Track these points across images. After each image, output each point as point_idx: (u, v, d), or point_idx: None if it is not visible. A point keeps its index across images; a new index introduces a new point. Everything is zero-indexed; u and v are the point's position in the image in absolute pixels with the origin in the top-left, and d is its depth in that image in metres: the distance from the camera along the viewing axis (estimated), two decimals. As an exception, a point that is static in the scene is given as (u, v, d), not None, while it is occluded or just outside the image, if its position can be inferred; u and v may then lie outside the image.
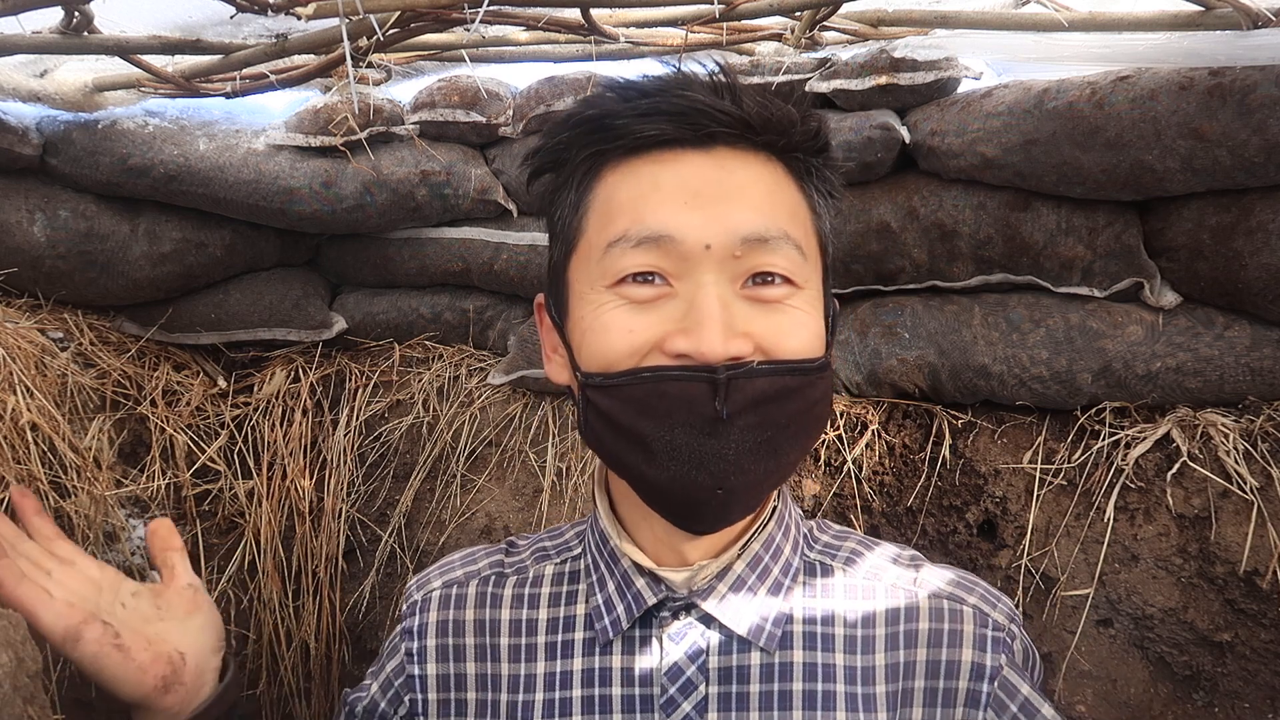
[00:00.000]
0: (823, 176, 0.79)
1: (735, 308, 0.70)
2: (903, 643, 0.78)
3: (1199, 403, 1.52)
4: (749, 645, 0.77)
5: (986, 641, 0.77)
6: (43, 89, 1.72)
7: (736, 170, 0.72)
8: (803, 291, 0.73)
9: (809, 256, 0.74)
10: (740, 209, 0.71)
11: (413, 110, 1.81)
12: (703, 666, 0.77)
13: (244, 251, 1.90)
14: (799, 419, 0.72)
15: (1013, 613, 0.81)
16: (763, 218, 0.72)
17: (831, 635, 0.78)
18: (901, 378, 1.67)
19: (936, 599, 0.80)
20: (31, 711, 0.96)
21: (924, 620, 0.78)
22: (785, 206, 0.74)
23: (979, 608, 0.79)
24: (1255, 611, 1.43)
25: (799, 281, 0.73)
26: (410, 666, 0.88)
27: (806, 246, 0.74)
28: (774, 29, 1.67)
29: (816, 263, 0.77)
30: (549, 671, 0.82)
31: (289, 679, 1.98)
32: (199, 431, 1.92)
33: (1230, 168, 1.35)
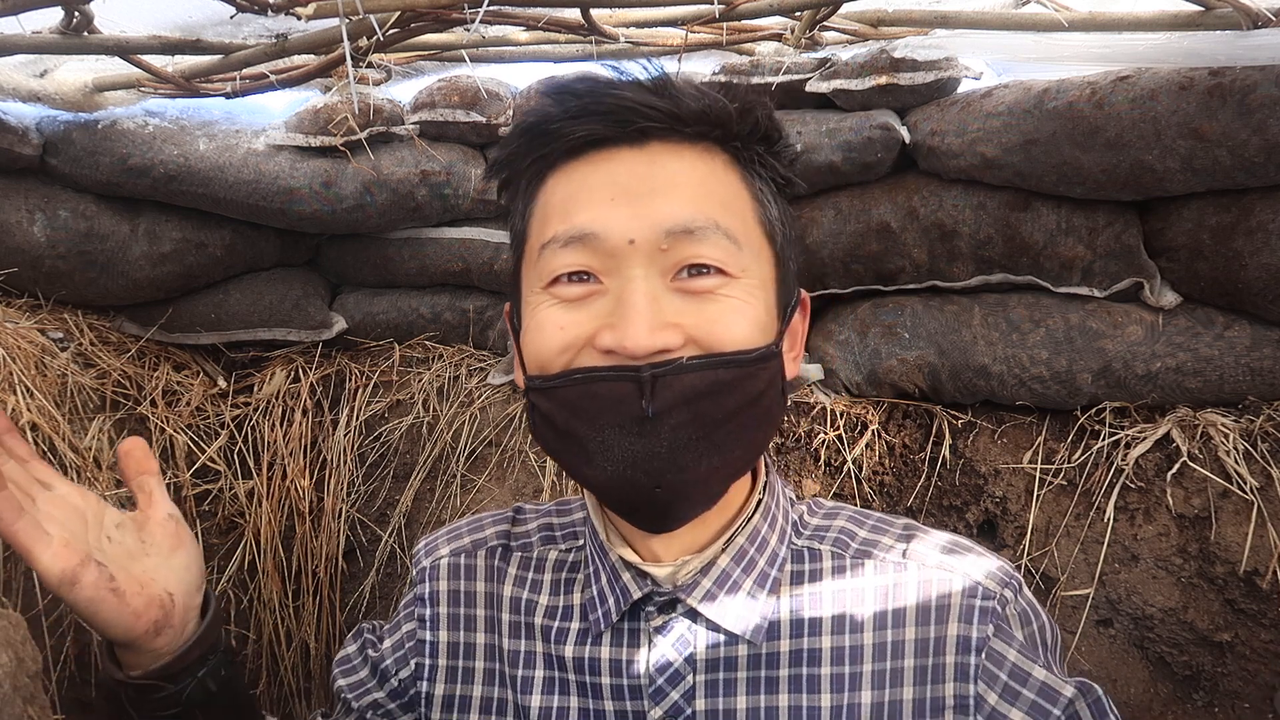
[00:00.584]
0: (768, 165, 0.77)
1: (665, 300, 0.69)
2: (890, 621, 0.77)
3: (1199, 403, 1.52)
4: (736, 638, 0.77)
5: (974, 612, 0.75)
6: (43, 89, 1.72)
7: (667, 163, 0.72)
8: (738, 281, 0.71)
9: (746, 245, 0.72)
10: (666, 201, 0.70)
11: (413, 110, 1.81)
12: (690, 658, 0.78)
13: (244, 251, 1.90)
14: (740, 413, 0.70)
15: (1007, 575, 0.77)
16: (689, 209, 0.70)
17: (819, 620, 0.78)
18: (901, 378, 1.67)
19: (925, 570, 0.77)
20: (31, 711, 0.96)
21: (911, 595, 0.77)
22: (718, 196, 0.72)
23: (968, 575, 0.76)
24: (1255, 611, 1.43)
25: (733, 271, 0.71)
26: (421, 632, 0.90)
27: (744, 235, 0.73)
28: (774, 29, 1.67)
29: (761, 252, 0.74)
30: (545, 651, 0.84)
31: (289, 679, 1.98)
32: (199, 431, 1.92)
33: (1230, 168, 1.35)
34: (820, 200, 1.67)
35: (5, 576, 1.64)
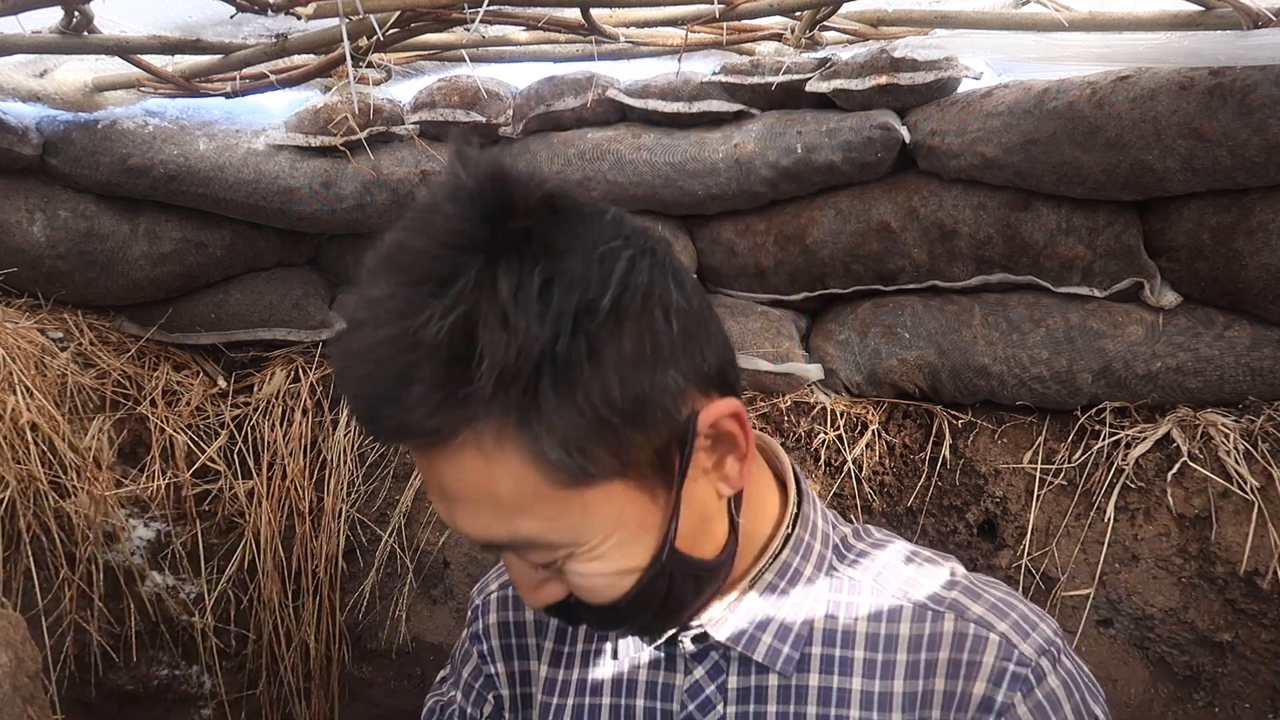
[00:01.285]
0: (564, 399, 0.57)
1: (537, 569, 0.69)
2: (923, 671, 0.73)
3: (1199, 403, 1.52)
4: (766, 668, 0.76)
5: (1004, 676, 0.70)
6: (43, 89, 1.72)
7: (439, 468, 0.61)
8: (577, 552, 0.65)
9: (556, 522, 0.62)
10: (461, 517, 0.63)
11: (413, 110, 1.80)
12: (721, 686, 0.77)
13: (244, 251, 1.90)
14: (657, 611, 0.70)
15: (1050, 645, 0.73)
16: (478, 526, 0.63)
17: (850, 659, 0.75)
18: (901, 378, 1.67)
19: (963, 624, 0.73)
20: (31, 711, 0.96)
21: (945, 648, 0.73)
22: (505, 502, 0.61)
23: (1006, 637, 0.72)
24: (1256, 611, 1.43)
25: (563, 548, 0.64)
26: (485, 667, 0.91)
27: (549, 516, 0.62)
28: (774, 29, 1.67)
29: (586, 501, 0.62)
30: (580, 678, 0.83)
31: (289, 679, 1.98)
32: (199, 431, 1.92)
33: (1230, 168, 1.34)
34: (820, 200, 1.67)
35: (5, 577, 1.64)
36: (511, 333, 0.55)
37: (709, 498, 0.69)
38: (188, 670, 1.93)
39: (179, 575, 1.89)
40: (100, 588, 1.76)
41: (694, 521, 0.68)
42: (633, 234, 0.63)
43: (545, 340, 0.56)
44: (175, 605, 1.87)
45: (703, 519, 0.69)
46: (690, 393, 0.63)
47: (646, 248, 0.63)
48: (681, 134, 1.70)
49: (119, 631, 1.81)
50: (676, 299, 0.62)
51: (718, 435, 0.66)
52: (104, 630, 1.78)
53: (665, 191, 1.70)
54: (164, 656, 1.90)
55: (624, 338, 0.59)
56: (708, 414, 0.64)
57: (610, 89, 1.73)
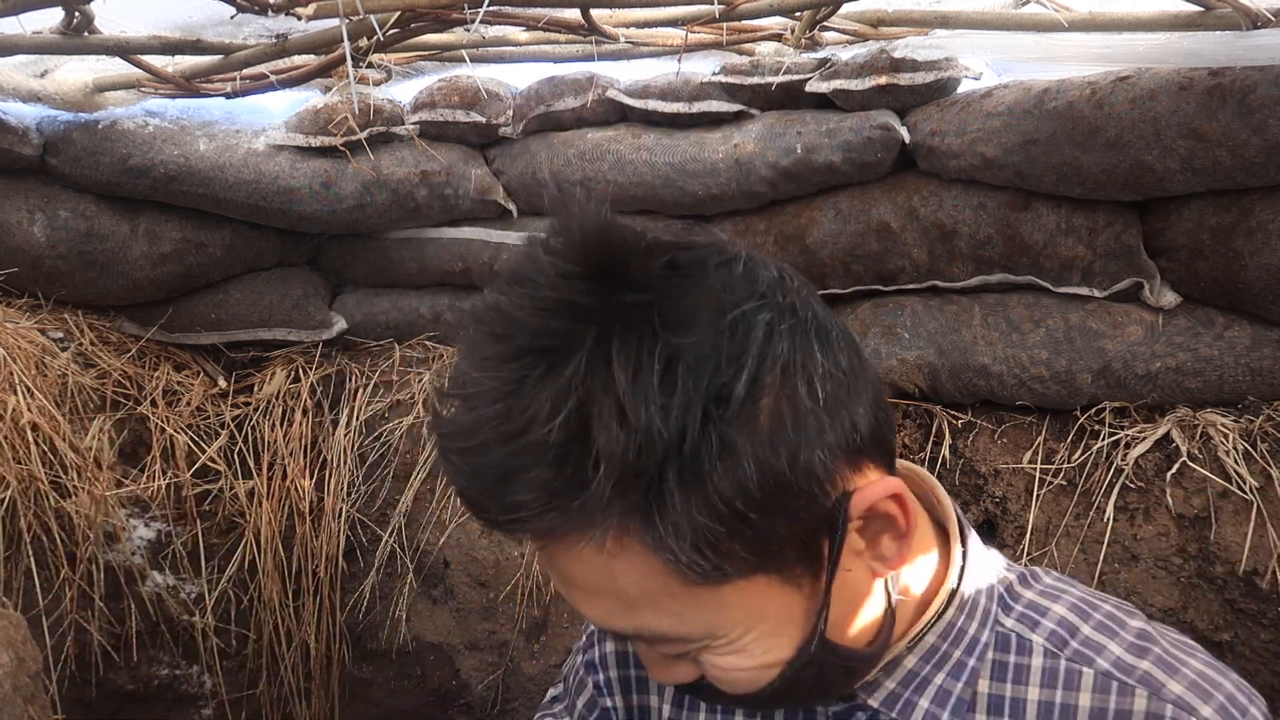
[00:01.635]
0: (692, 500, 0.51)
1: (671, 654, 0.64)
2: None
3: (1199, 403, 1.52)
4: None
5: None
6: (43, 89, 1.72)
7: (560, 561, 0.57)
8: (722, 640, 0.59)
9: (688, 616, 0.57)
10: (587, 607, 0.59)
11: (413, 110, 1.81)
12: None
13: (244, 251, 1.90)
14: (804, 698, 0.65)
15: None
16: (604, 618, 0.59)
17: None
18: (901, 378, 1.68)
19: (1158, 704, 0.63)
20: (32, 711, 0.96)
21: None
22: (630, 597, 0.56)
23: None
24: (1255, 611, 1.43)
25: (696, 641, 0.59)
26: (602, 700, 0.84)
27: (678, 613, 0.56)
28: (774, 29, 1.67)
29: (720, 597, 0.56)
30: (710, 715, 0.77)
31: (289, 679, 1.98)
32: (199, 431, 1.92)
33: (1230, 168, 1.35)
34: (820, 200, 1.67)
35: (6, 577, 1.64)
36: (630, 431, 0.49)
37: (862, 579, 0.62)
38: (188, 670, 1.93)
39: (179, 575, 1.89)
40: (101, 587, 1.76)
41: (846, 608, 0.62)
42: (769, 288, 0.55)
43: (671, 436, 0.49)
44: (176, 605, 1.87)
45: (855, 604, 0.63)
46: (840, 470, 0.56)
47: (786, 305, 0.54)
48: (681, 134, 1.70)
49: (119, 631, 1.81)
50: (822, 364, 0.54)
51: (873, 515, 0.59)
52: (104, 630, 1.78)
53: (665, 192, 1.70)
54: (164, 656, 1.90)
55: (759, 419, 0.52)
56: (862, 498, 0.57)
57: (610, 89, 1.73)
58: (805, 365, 0.54)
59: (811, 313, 0.56)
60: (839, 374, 0.55)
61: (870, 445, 0.58)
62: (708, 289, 0.53)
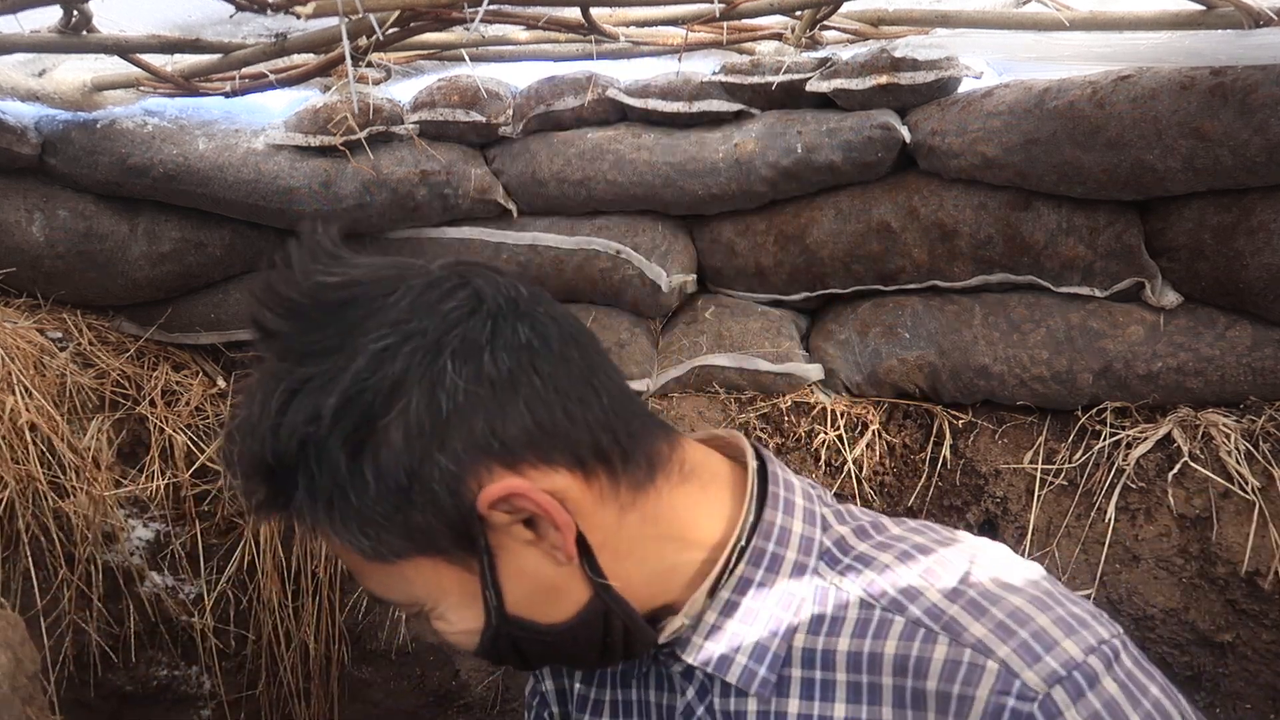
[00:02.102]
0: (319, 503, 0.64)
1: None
2: (910, 700, 0.63)
3: (1200, 403, 1.52)
4: (744, 692, 0.70)
5: (1003, 714, 0.58)
6: (41, 88, 1.72)
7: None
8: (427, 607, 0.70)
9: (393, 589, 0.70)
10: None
11: (412, 110, 1.80)
12: (709, 708, 0.72)
13: (243, 251, 1.90)
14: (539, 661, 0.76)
15: (1073, 668, 0.59)
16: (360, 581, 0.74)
17: (833, 682, 0.67)
18: (902, 378, 1.67)
19: (957, 649, 0.62)
20: (30, 712, 0.96)
21: (934, 677, 0.62)
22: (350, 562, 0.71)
23: (1006, 665, 0.59)
24: (1257, 612, 1.43)
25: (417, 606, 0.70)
26: (539, 685, 0.91)
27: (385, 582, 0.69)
28: (774, 28, 1.67)
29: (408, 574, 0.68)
30: (613, 699, 0.82)
31: (288, 679, 1.97)
32: (198, 431, 1.92)
33: (1232, 167, 1.34)
34: (820, 200, 1.67)
35: (4, 577, 1.64)
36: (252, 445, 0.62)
37: (545, 566, 0.66)
38: (187, 671, 1.93)
39: (178, 576, 1.88)
40: (99, 588, 1.76)
41: (531, 589, 0.67)
42: (420, 311, 0.62)
43: (276, 456, 0.61)
44: (174, 606, 1.87)
45: (545, 586, 0.67)
46: (477, 472, 0.62)
47: (418, 330, 0.61)
48: (681, 134, 1.69)
49: (118, 632, 1.81)
50: (452, 378, 0.61)
51: (517, 511, 0.64)
52: (103, 631, 1.78)
53: (665, 191, 1.70)
54: (163, 657, 1.89)
55: (377, 433, 0.61)
56: (483, 496, 0.62)
57: (610, 89, 1.72)
58: (426, 380, 0.61)
59: (460, 334, 0.62)
60: (476, 387, 0.61)
61: (526, 450, 0.63)
62: (353, 317, 0.62)
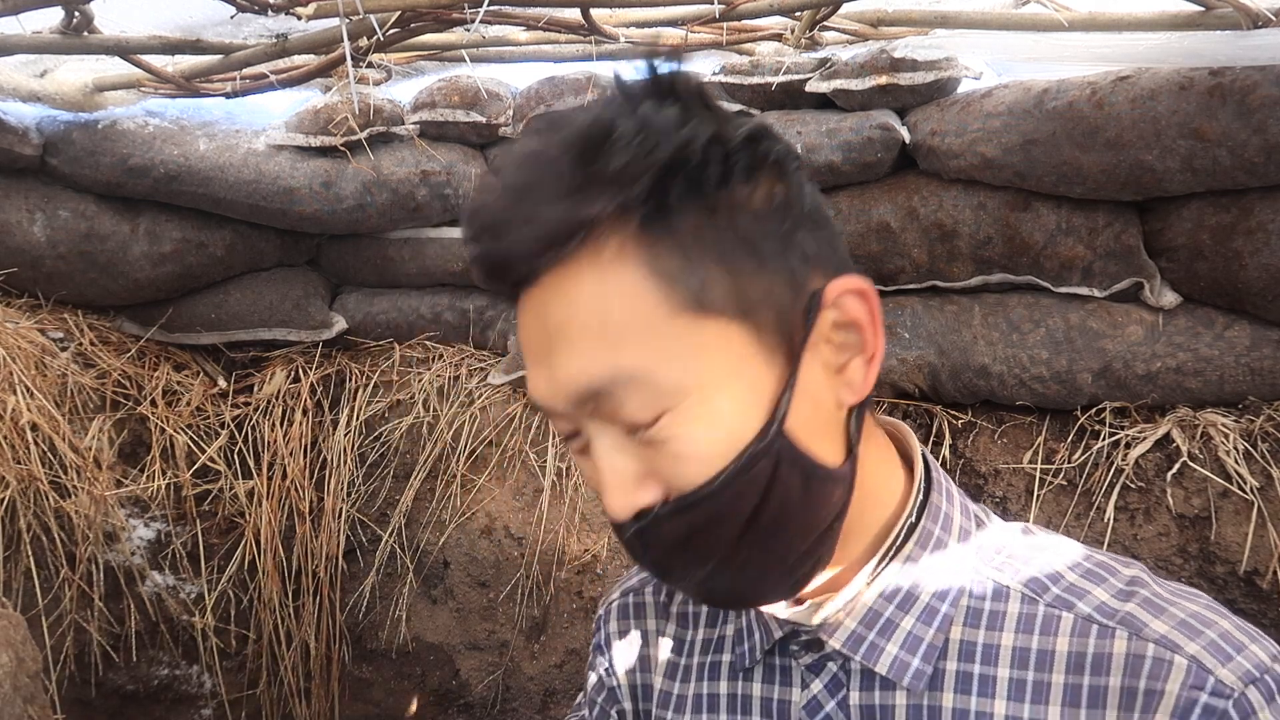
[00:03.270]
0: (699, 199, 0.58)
1: (631, 453, 0.61)
2: (1085, 699, 0.61)
3: (1199, 403, 1.52)
4: (892, 684, 0.66)
5: (1194, 709, 0.56)
6: (43, 89, 1.72)
7: (551, 307, 0.59)
8: (676, 409, 0.58)
9: (667, 360, 0.57)
10: (562, 362, 0.59)
11: (413, 110, 1.81)
12: (843, 702, 0.68)
13: (244, 252, 1.90)
14: (749, 530, 0.61)
15: (1263, 672, 0.57)
16: (583, 366, 0.58)
17: (993, 677, 0.64)
18: (901, 378, 1.68)
19: (1140, 643, 0.60)
20: (32, 711, 0.96)
21: (1117, 673, 0.60)
22: (612, 326, 0.57)
23: (1198, 661, 0.58)
24: (1255, 611, 1.43)
25: (666, 404, 0.58)
26: (608, 679, 0.85)
27: (661, 351, 0.57)
28: (774, 29, 1.67)
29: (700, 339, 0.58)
30: (697, 693, 0.77)
31: (289, 679, 1.98)
32: (199, 431, 1.92)
33: (1230, 168, 1.35)
34: (820, 200, 1.67)
35: (5, 577, 1.64)
36: (646, 131, 0.55)
37: (828, 396, 0.62)
38: (188, 670, 1.93)
39: (179, 575, 1.89)
40: (100, 587, 1.76)
41: (809, 413, 0.61)
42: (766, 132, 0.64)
43: (677, 144, 0.56)
44: (175, 605, 1.87)
45: (821, 418, 0.62)
46: (818, 267, 0.61)
47: (784, 142, 0.64)
48: (681, 134, 1.70)
49: (119, 631, 1.81)
50: (811, 192, 0.64)
51: (844, 323, 0.62)
52: (104, 630, 1.79)
53: (665, 191, 1.70)
54: (164, 656, 1.90)
55: (757, 184, 0.60)
56: (835, 285, 0.61)
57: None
58: (797, 177, 0.62)
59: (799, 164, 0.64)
60: (819, 205, 0.64)
61: (848, 270, 0.63)
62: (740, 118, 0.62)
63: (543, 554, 1.85)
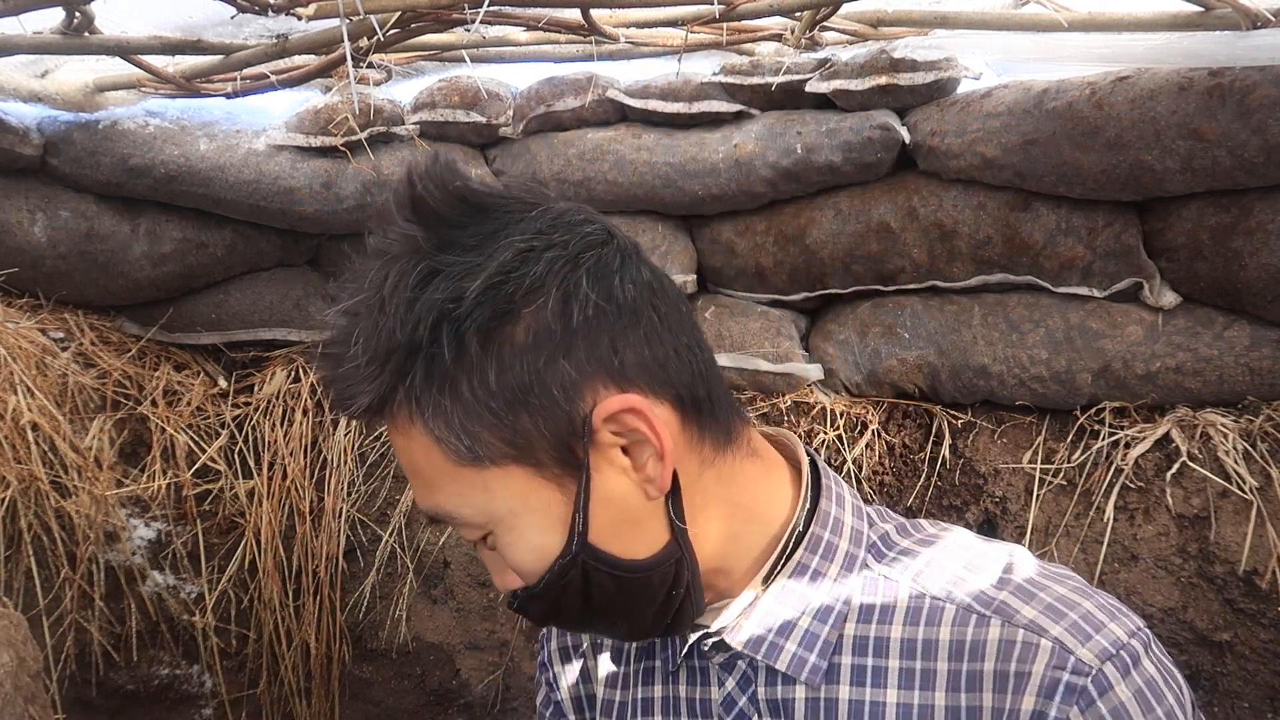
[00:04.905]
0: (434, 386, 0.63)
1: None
2: (964, 684, 0.65)
3: (1198, 402, 1.52)
4: (792, 679, 0.71)
5: (1057, 688, 0.61)
6: (44, 89, 1.72)
7: (394, 441, 0.69)
8: (497, 528, 0.67)
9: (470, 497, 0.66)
10: (414, 490, 0.71)
11: (413, 110, 1.81)
12: (753, 697, 0.73)
13: (244, 251, 1.90)
14: (590, 612, 0.70)
15: (1119, 648, 0.62)
16: (421, 498, 0.69)
17: (884, 669, 0.68)
18: (901, 378, 1.68)
19: (1010, 629, 0.64)
20: (33, 711, 0.96)
21: (991, 658, 0.64)
22: (424, 475, 0.67)
23: (1060, 642, 0.62)
24: (1254, 611, 1.43)
25: (486, 525, 0.67)
26: (553, 694, 0.90)
27: (461, 493, 0.66)
28: (774, 29, 1.67)
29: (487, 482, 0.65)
30: (634, 698, 0.81)
31: (289, 678, 1.98)
32: (199, 431, 1.92)
33: (1230, 168, 1.35)
34: (820, 200, 1.67)
35: (6, 576, 1.65)
36: (381, 320, 0.61)
37: (632, 498, 0.66)
38: (189, 670, 1.93)
39: (180, 575, 1.89)
40: (101, 587, 1.76)
41: (615, 519, 0.66)
42: (554, 229, 0.64)
43: (408, 329, 0.60)
44: (176, 605, 1.87)
45: (629, 519, 0.67)
46: (593, 387, 0.63)
47: (560, 241, 0.64)
48: (681, 134, 1.70)
49: (120, 631, 1.82)
50: (585, 291, 0.63)
51: (626, 432, 0.65)
52: (105, 630, 1.79)
53: (665, 192, 1.70)
54: (165, 656, 1.90)
55: (507, 327, 0.62)
56: (601, 408, 0.63)
57: (610, 89, 1.73)
58: (564, 289, 0.63)
59: (595, 255, 0.65)
60: (606, 305, 0.64)
61: (639, 377, 0.65)
62: (492, 225, 0.63)
63: (543, 554, 1.85)
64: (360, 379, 0.62)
